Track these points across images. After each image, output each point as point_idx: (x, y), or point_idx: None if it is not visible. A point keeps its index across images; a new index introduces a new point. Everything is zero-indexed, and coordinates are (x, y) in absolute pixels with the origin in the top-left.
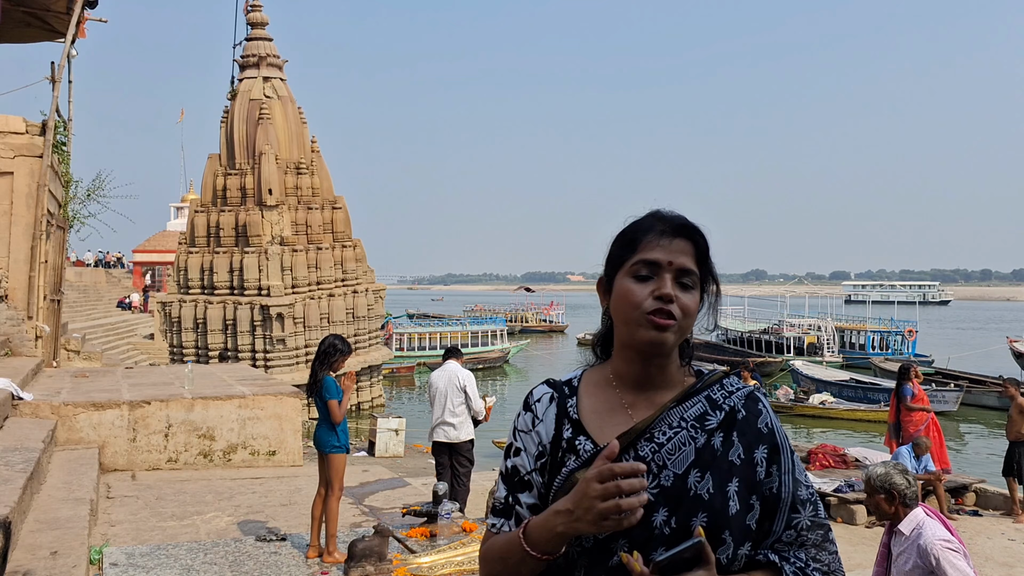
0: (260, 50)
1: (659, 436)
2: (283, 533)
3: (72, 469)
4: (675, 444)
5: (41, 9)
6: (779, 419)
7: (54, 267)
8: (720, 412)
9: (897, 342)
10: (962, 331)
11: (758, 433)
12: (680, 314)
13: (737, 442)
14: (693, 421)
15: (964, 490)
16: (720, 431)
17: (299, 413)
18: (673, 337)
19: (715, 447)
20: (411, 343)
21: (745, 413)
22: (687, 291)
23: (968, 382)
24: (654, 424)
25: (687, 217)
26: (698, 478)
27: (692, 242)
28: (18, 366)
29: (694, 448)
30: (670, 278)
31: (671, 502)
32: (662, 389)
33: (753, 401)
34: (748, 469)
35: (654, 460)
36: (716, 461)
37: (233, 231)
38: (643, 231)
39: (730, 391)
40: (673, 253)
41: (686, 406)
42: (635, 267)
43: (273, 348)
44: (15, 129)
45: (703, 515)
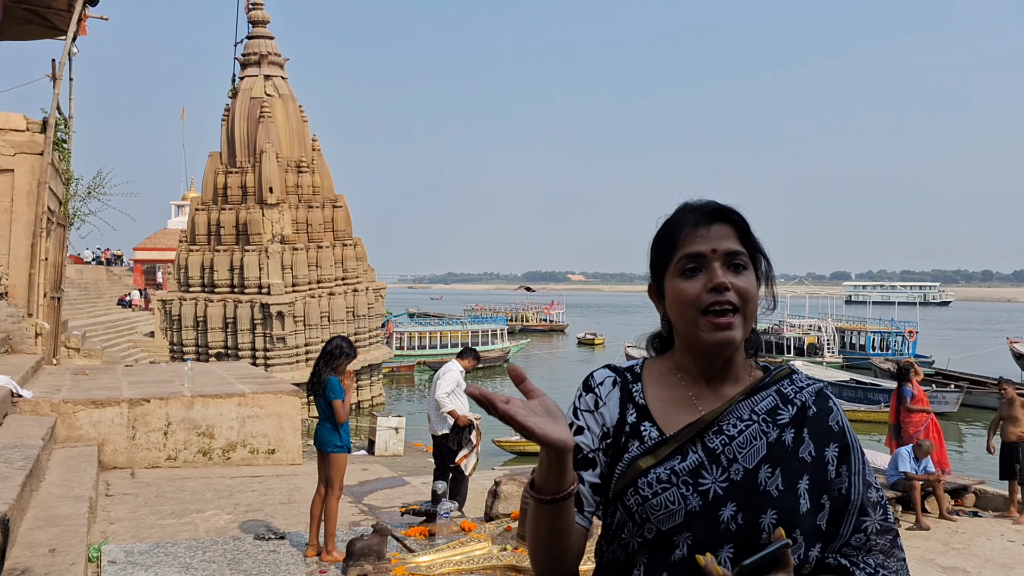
0: (261, 48)
1: (729, 428)
2: (282, 531)
3: (71, 466)
4: (746, 437)
5: (42, 6)
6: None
7: (54, 264)
8: (791, 407)
9: (897, 343)
10: (962, 332)
11: (829, 431)
12: (739, 300)
13: (808, 439)
14: (765, 415)
15: (964, 491)
16: (791, 427)
17: (299, 412)
18: (740, 332)
19: (786, 443)
20: (411, 342)
21: (816, 410)
22: (740, 273)
23: (968, 383)
24: (722, 416)
25: (717, 200)
26: (768, 474)
27: (731, 223)
28: (18, 363)
29: (766, 442)
30: (719, 265)
31: (740, 497)
32: (729, 382)
33: (823, 398)
34: (819, 468)
35: (724, 453)
36: (787, 457)
37: (234, 229)
38: (678, 227)
39: (800, 386)
40: (715, 240)
41: (756, 399)
42: (680, 264)
43: (273, 346)
44: (16, 126)
45: (772, 512)
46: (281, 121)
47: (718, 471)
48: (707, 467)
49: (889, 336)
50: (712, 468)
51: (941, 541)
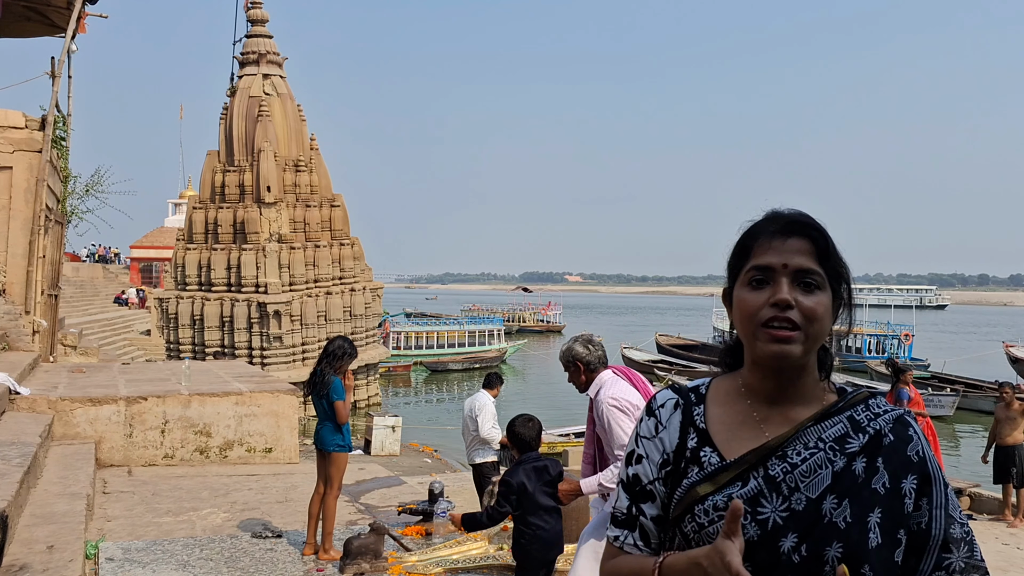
0: (260, 47)
1: (793, 455)
2: (279, 530)
3: (68, 464)
4: (810, 466)
5: (42, 4)
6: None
7: (52, 262)
8: (863, 435)
9: (893, 346)
10: (958, 336)
11: (907, 461)
12: (803, 320)
13: (882, 469)
14: (832, 443)
15: (959, 494)
16: (863, 456)
17: (295, 410)
18: (800, 348)
19: (856, 473)
20: (408, 342)
21: (893, 438)
22: (811, 293)
23: (964, 386)
24: (788, 442)
25: (804, 213)
26: (834, 504)
27: (809, 239)
28: (15, 361)
29: (831, 472)
30: (787, 281)
31: (802, 528)
32: (798, 405)
33: (903, 425)
34: (894, 500)
35: (785, 481)
36: (856, 488)
37: (231, 228)
38: (755, 235)
39: (876, 413)
40: (787, 254)
41: (825, 425)
42: (750, 274)
43: (270, 345)
44: (14, 124)
45: (838, 545)
46: (279, 120)
47: (778, 500)
48: (767, 495)
49: (885, 339)
50: (772, 496)
51: None
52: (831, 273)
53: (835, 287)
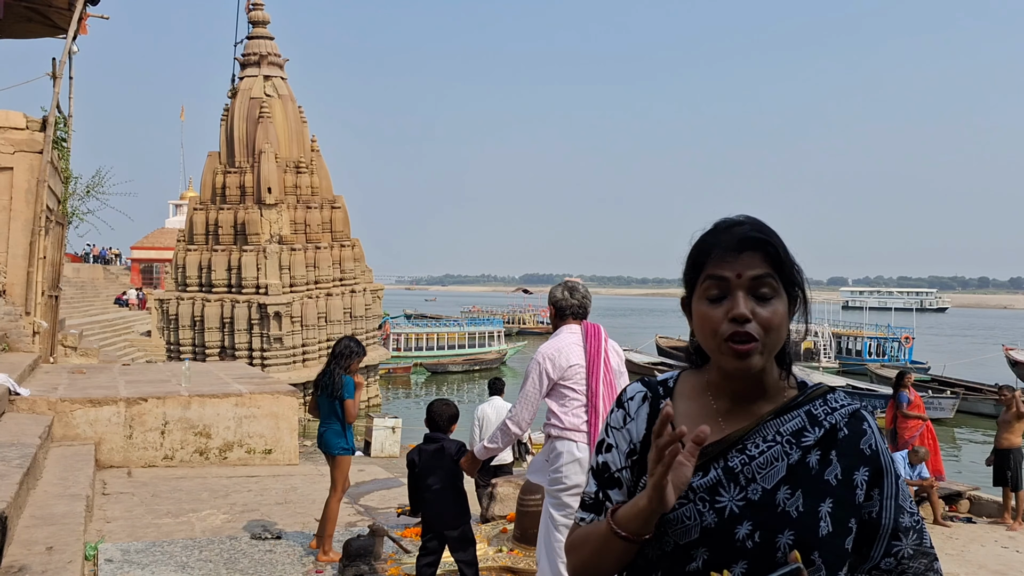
0: (261, 49)
1: (751, 448)
2: (278, 531)
3: (68, 465)
4: (767, 458)
5: (43, 5)
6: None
7: (52, 263)
8: (819, 429)
9: (894, 348)
10: (958, 338)
11: (860, 454)
12: (761, 332)
13: (836, 462)
14: (789, 436)
15: (958, 497)
16: (817, 449)
17: (295, 412)
18: (760, 359)
19: (810, 465)
20: (408, 343)
21: (848, 432)
22: (767, 303)
23: (964, 389)
24: (748, 435)
25: (754, 221)
26: (788, 495)
27: (762, 251)
28: (15, 361)
29: (786, 464)
30: (742, 294)
31: (756, 517)
32: (760, 400)
33: (857, 420)
34: (846, 490)
35: (743, 472)
36: (810, 479)
37: (232, 229)
38: (707, 248)
39: (833, 407)
40: (741, 266)
41: (783, 420)
42: (706, 286)
43: (270, 346)
44: (15, 125)
45: (789, 532)
46: (280, 121)
47: (735, 490)
48: (725, 485)
49: (885, 342)
50: (730, 486)
51: (935, 547)
52: (785, 280)
53: (789, 291)
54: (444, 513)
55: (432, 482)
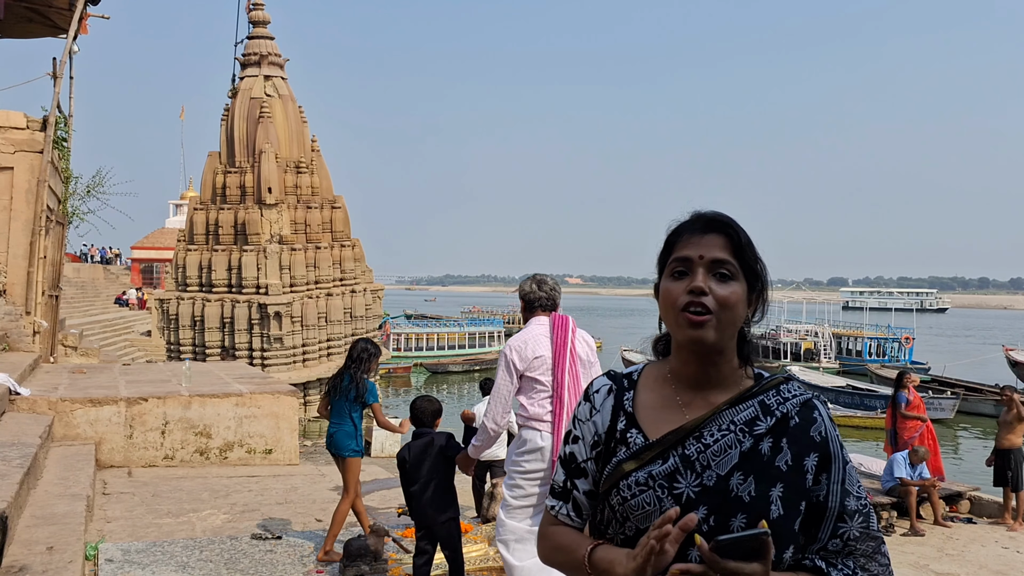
0: (261, 48)
1: (707, 437)
2: (279, 531)
3: (68, 465)
4: (721, 446)
5: (43, 5)
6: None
7: (53, 263)
8: (771, 418)
9: (894, 349)
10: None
11: (810, 441)
12: (716, 306)
13: (786, 448)
14: (743, 425)
15: (959, 498)
16: (769, 436)
17: (296, 412)
18: (713, 332)
19: (762, 452)
20: (408, 344)
21: (799, 420)
22: (725, 282)
23: (964, 390)
24: (704, 424)
25: (722, 213)
26: (740, 480)
27: (725, 235)
28: (16, 361)
29: (739, 452)
30: (703, 272)
31: (711, 501)
32: (718, 389)
33: (809, 409)
34: (796, 476)
35: (698, 460)
36: (761, 466)
37: (232, 229)
38: (677, 232)
39: (786, 397)
40: (704, 247)
41: (738, 409)
42: (672, 265)
43: (270, 347)
44: (16, 124)
45: (742, 516)
46: (280, 121)
47: (692, 476)
48: (682, 472)
49: (886, 342)
50: (687, 473)
51: (936, 547)
52: (746, 267)
53: (751, 281)
54: (430, 505)
55: (419, 475)
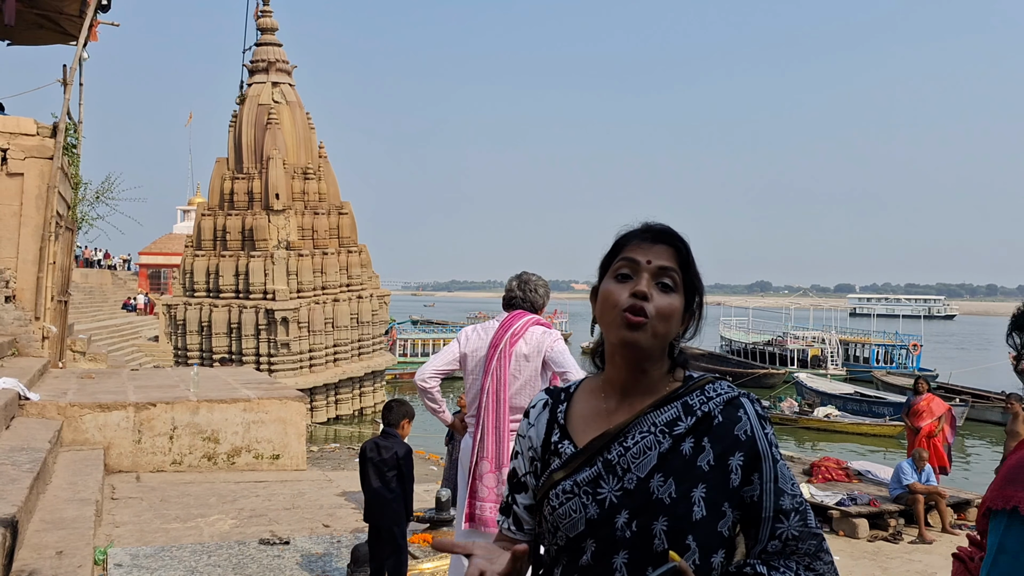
0: (269, 55)
1: (629, 440)
2: (286, 536)
3: (77, 470)
4: (640, 448)
5: (54, 12)
6: (772, 427)
7: (62, 268)
8: (691, 417)
9: (901, 356)
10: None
11: (734, 440)
12: (654, 313)
13: (709, 448)
14: (663, 426)
15: (967, 505)
16: (690, 436)
17: (303, 417)
18: (647, 337)
19: (683, 452)
20: (415, 349)
21: (722, 419)
22: (667, 293)
23: (972, 397)
24: (628, 429)
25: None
26: (660, 482)
27: (673, 248)
28: (25, 366)
29: (657, 453)
30: (648, 277)
31: (633, 505)
32: (645, 395)
33: (734, 407)
34: (720, 475)
35: (619, 463)
36: (682, 466)
37: (239, 235)
38: (627, 237)
39: (710, 396)
40: (652, 254)
41: (660, 411)
42: (617, 266)
43: (277, 352)
44: (26, 131)
45: (663, 519)
46: (288, 128)
47: (614, 481)
48: (604, 477)
49: (893, 349)
50: (608, 478)
51: (944, 555)
52: (687, 283)
53: (689, 297)
54: (381, 508)
55: (372, 479)
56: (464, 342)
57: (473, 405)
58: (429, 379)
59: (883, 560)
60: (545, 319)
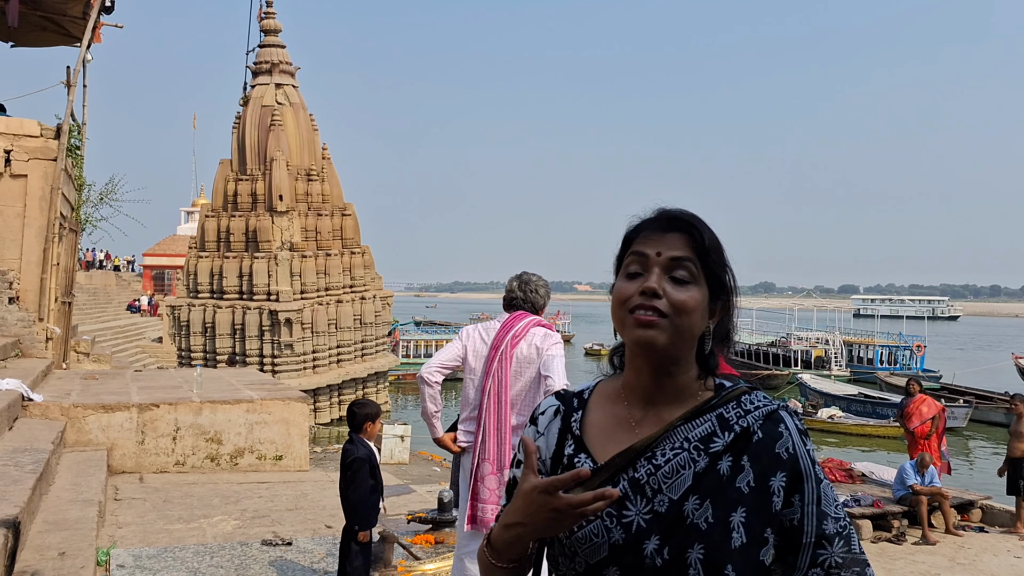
0: (273, 57)
1: (659, 457)
2: (289, 537)
3: (81, 470)
4: (673, 467)
5: (58, 14)
6: (812, 443)
7: (65, 270)
8: (729, 433)
9: (905, 357)
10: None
11: (776, 458)
12: (670, 310)
13: (748, 467)
14: (697, 442)
15: (970, 506)
16: (728, 454)
17: (306, 418)
18: (664, 336)
19: (721, 472)
20: (417, 350)
21: (762, 435)
22: (682, 286)
23: (975, 398)
24: (657, 443)
25: (688, 211)
26: (696, 505)
27: (688, 234)
28: (28, 367)
29: (692, 472)
30: (658, 271)
31: (664, 530)
32: (673, 404)
33: (774, 422)
34: (761, 498)
35: (648, 483)
36: (720, 488)
37: (243, 236)
38: (638, 228)
39: (747, 410)
40: (662, 245)
41: (693, 425)
42: (627, 263)
43: (281, 353)
44: (30, 132)
45: (699, 546)
46: (291, 129)
47: (642, 502)
48: (631, 498)
49: (897, 350)
50: (636, 499)
51: (947, 556)
52: (709, 273)
53: (714, 289)
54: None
55: (341, 480)
56: (466, 339)
57: (472, 405)
58: (435, 373)
59: (887, 561)
60: (547, 320)
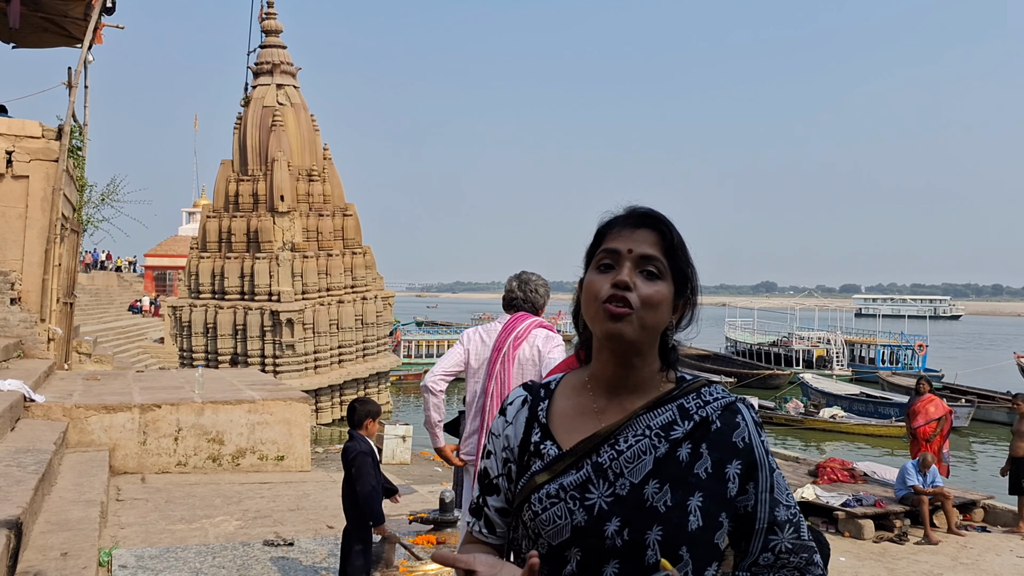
0: (274, 57)
1: (622, 443)
2: (291, 538)
3: (83, 471)
4: (635, 452)
5: (59, 15)
6: (766, 435)
7: (67, 270)
8: (689, 422)
9: (907, 356)
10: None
11: (732, 447)
12: (638, 303)
13: (707, 455)
14: (659, 430)
15: (972, 506)
16: (687, 442)
17: (308, 419)
18: (632, 328)
19: (680, 459)
20: (419, 350)
21: (720, 425)
22: (651, 280)
23: (978, 397)
24: (619, 430)
25: (655, 210)
26: (656, 489)
27: (657, 232)
28: (30, 368)
29: (653, 458)
30: (629, 266)
31: (625, 513)
32: (636, 394)
33: (732, 413)
34: (716, 484)
35: (611, 468)
36: (679, 473)
37: (245, 237)
38: (609, 225)
39: (707, 400)
40: (634, 242)
41: (655, 413)
42: (599, 258)
43: (282, 353)
44: (31, 133)
45: (658, 528)
46: (293, 130)
47: (604, 486)
48: (594, 482)
49: (899, 350)
50: (599, 483)
51: (950, 556)
52: (676, 269)
53: (679, 285)
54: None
55: (345, 478)
56: (467, 342)
57: (474, 406)
58: (439, 382)
59: (889, 561)
60: (547, 320)
